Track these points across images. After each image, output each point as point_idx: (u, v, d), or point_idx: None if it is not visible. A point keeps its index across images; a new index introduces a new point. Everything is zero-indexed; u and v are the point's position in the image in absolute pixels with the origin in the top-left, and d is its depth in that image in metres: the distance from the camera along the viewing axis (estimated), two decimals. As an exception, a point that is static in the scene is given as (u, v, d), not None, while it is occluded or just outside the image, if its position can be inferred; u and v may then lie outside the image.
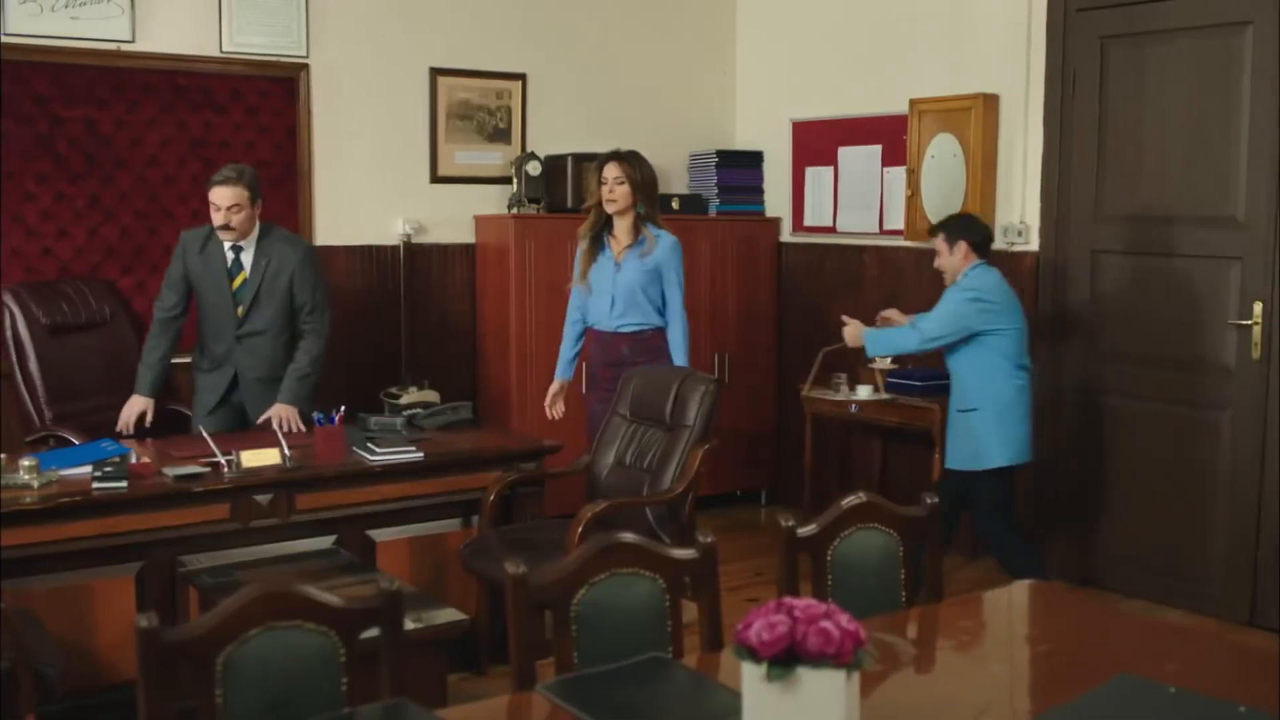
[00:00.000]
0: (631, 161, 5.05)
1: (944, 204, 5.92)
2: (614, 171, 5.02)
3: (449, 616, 3.67)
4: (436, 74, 6.22)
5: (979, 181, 5.79)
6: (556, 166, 6.29)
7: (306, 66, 5.85)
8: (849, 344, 5.29)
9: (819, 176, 6.74)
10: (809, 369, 5.84)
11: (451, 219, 6.33)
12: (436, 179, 6.28)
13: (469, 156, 6.36)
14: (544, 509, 4.78)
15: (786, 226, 6.88)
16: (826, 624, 1.96)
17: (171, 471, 4.06)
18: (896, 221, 6.26)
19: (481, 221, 6.37)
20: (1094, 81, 5.45)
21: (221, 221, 4.72)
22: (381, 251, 6.16)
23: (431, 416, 4.96)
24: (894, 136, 6.25)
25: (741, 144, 7.07)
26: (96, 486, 3.89)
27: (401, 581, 4.00)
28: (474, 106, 6.35)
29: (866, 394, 5.84)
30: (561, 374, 5.27)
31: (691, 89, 7.02)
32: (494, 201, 6.38)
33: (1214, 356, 5.15)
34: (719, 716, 2.20)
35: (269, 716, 2.20)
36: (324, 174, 5.97)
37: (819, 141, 6.70)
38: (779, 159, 6.90)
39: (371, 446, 4.46)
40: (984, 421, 4.85)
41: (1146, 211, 5.33)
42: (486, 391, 6.32)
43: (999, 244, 5.80)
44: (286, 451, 4.24)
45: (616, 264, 5.08)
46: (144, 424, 4.76)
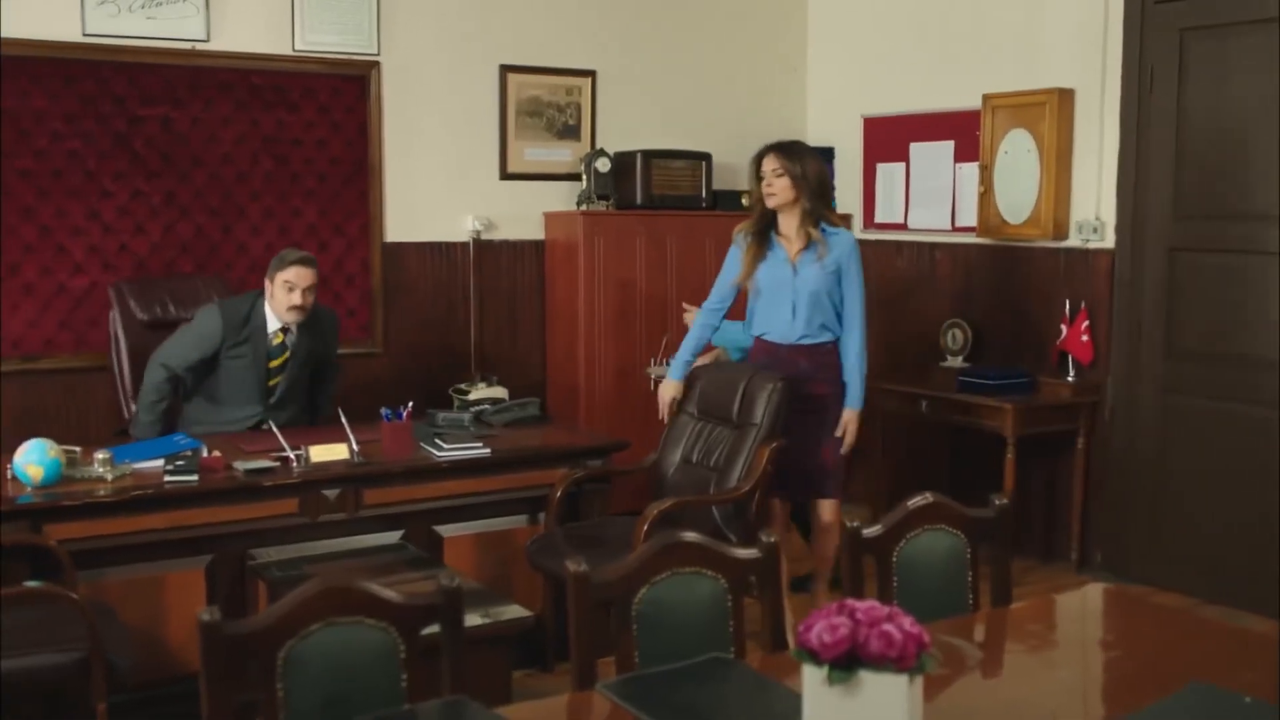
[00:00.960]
0: (790, 153, 4.59)
1: (1018, 200, 5.84)
2: (771, 164, 4.57)
3: (514, 613, 3.66)
4: (506, 71, 6.23)
5: (1053, 178, 5.70)
6: (626, 163, 6.28)
7: (378, 64, 5.89)
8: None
9: (890, 173, 6.67)
10: (879, 365, 5.78)
11: (521, 216, 6.34)
12: (506, 176, 6.30)
13: (538, 153, 6.37)
14: (610, 506, 4.77)
15: (858, 223, 6.82)
16: (889, 627, 1.93)
17: (241, 466, 4.10)
18: (969, 219, 6.18)
19: (551, 218, 6.37)
20: (1173, 75, 5.33)
21: (299, 302, 4.67)
22: (451, 248, 6.19)
23: (499, 413, 4.97)
24: (967, 132, 6.16)
25: (812, 140, 7.00)
26: (168, 480, 3.95)
27: (467, 577, 4.04)
28: (544, 103, 6.36)
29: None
30: (680, 376, 4.80)
31: (762, 84, 6.98)
32: (563, 198, 6.39)
33: (1296, 357, 5.03)
34: (780, 719, 2.17)
35: (329, 711, 2.21)
36: (394, 171, 6.01)
37: (890, 137, 6.64)
38: (850, 155, 6.85)
39: (439, 442, 4.48)
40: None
41: (1227, 209, 5.21)
42: (555, 388, 6.33)
43: (1074, 241, 5.72)
44: (355, 447, 4.27)
45: (793, 267, 4.60)
46: None
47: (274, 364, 4.78)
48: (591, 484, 4.67)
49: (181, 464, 3.99)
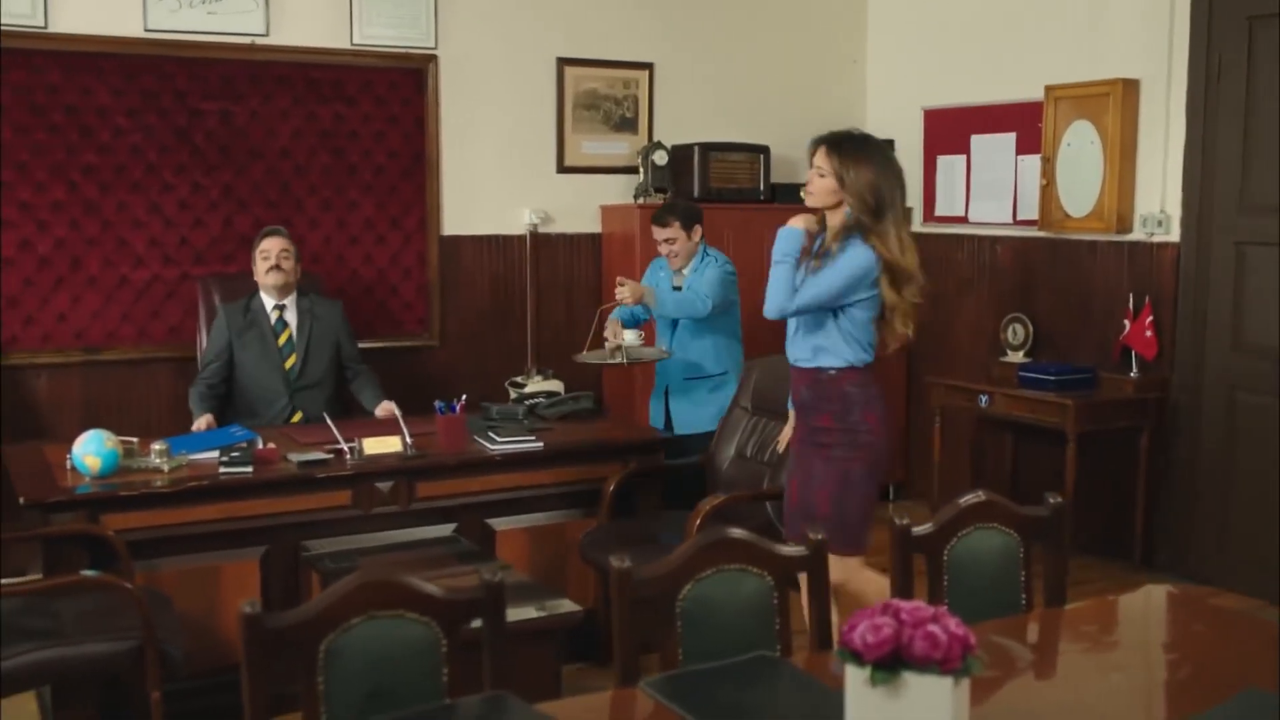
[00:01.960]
0: (842, 151, 3.73)
1: (1080, 193, 5.75)
2: (819, 159, 3.77)
3: (564, 607, 3.65)
4: (563, 64, 6.23)
5: (1117, 170, 5.60)
6: (683, 156, 6.25)
7: (435, 58, 5.91)
8: (630, 302, 4.94)
9: (951, 165, 6.59)
10: (938, 360, 5.72)
11: (578, 209, 6.34)
12: (563, 169, 6.30)
13: (595, 146, 6.36)
14: (664, 501, 4.75)
15: (918, 216, 6.73)
16: (934, 628, 1.89)
17: (295, 458, 4.13)
18: (1030, 212, 6.09)
19: (607, 211, 6.36)
20: (1240, 65, 5.22)
21: (274, 264, 4.92)
22: (508, 241, 6.20)
23: (553, 406, 4.97)
24: (1029, 124, 6.07)
25: (872, 132, 6.92)
26: (223, 471, 3.99)
27: (519, 571, 4.03)
28: (600, 96, 6.35)
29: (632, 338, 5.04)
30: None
31: (821, 76, 6.92)
32: (620, 191, 6.37)
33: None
34: (824, 719, 2.14)
35: (369, 704, 2.21)
36: (451, 164, 6.02)
37: (951, 129, 6.55)
38: (910, 147, 6.76)
39: (492, 435, 4.48)
40: (730, 386, 4.98)
41: (1296, 201, 5.10)
42: (610, 382, 6.31)
43: (1138, 234, 5.62)
44: (408, 439, 4.28)
45: (802, 274, 3.73)
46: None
47: (281, 341, 4.92)
48: (645, 478, 4.65)
49: (236, 455, 4.02)
